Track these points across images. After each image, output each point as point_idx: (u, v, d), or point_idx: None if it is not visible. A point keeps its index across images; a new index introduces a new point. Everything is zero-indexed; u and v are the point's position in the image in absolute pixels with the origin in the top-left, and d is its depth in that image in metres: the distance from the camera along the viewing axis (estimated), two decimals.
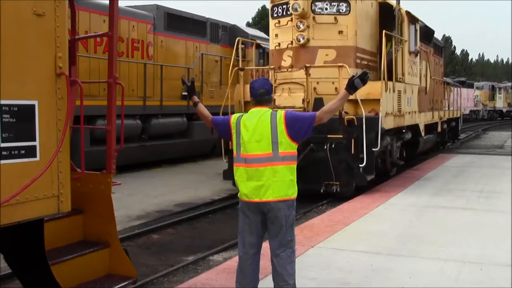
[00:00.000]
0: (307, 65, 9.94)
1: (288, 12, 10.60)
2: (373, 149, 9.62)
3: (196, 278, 5.34)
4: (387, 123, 10.47)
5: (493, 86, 53.96)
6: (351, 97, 8.80)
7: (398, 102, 11.33)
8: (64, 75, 3.51)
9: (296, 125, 4.00)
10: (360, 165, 9.49)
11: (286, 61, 10.73)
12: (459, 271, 5.41)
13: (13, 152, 3.21)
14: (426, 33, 15.04)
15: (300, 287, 4.35)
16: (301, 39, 10.36)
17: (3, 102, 3.14)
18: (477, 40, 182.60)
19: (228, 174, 10.51)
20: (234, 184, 10.18)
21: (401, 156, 12.71)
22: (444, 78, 22.36)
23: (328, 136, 9.32)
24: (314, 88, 10.20)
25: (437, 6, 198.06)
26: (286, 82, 10.57)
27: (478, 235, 6.87)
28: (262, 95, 4.14)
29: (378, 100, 9.82)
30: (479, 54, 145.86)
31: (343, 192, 9.65)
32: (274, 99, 9.86)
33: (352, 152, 9.51)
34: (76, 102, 4.03)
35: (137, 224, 8.28)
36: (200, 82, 15.65)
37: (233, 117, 4.19)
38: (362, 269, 5.45)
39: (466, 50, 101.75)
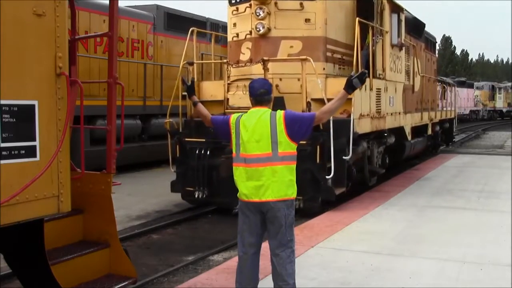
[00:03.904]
0: (265, 58, 8.32)
1: None
2: (344, 157, 8.32)
3: (196, 278, 5.34)
4: (362, 126, 9.11)
5: (493, 86, 54.06)
6: (318, 96, 8.49)
7: (377, 102, 9.93)
8: (64, 75, 3.52)
9: (295, 126, 4.01)
10: (327, 177, 8.10)
11: (245, 54, 9.13)
12: (459, 271, 5.41)
13: (13, 152, 3.21)
14: (415, 26, 13.67)
15: (300, 287, 4.36)
16: (260, 28, 8.80)
17: (3, 102, 3.14)
18: (477, 40, 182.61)
19: (177, 186, 9.20)
20: (182, 197, 9.22)
21: (384, 163, 11.28)
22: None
23: None
24: (277, 86, 8.68)
25: (437, 6, 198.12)
26: (243, 78, 8.90)
27: (478, 235, 6.86)
28: (262, 95, 4.15)
29: (350, 99, 8.26)
30: (479, 54, 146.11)
31: (307, 208, 8.15)
32: (228, 99, 8.93)
33: (318, 161, 8.06)
34: (76, 102, 4.04)
35: (137, 224, 8.30)
36: None
37: (233, 117, 4.20)
38: (362, 269, 5.44)
39: (466, 50, 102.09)
